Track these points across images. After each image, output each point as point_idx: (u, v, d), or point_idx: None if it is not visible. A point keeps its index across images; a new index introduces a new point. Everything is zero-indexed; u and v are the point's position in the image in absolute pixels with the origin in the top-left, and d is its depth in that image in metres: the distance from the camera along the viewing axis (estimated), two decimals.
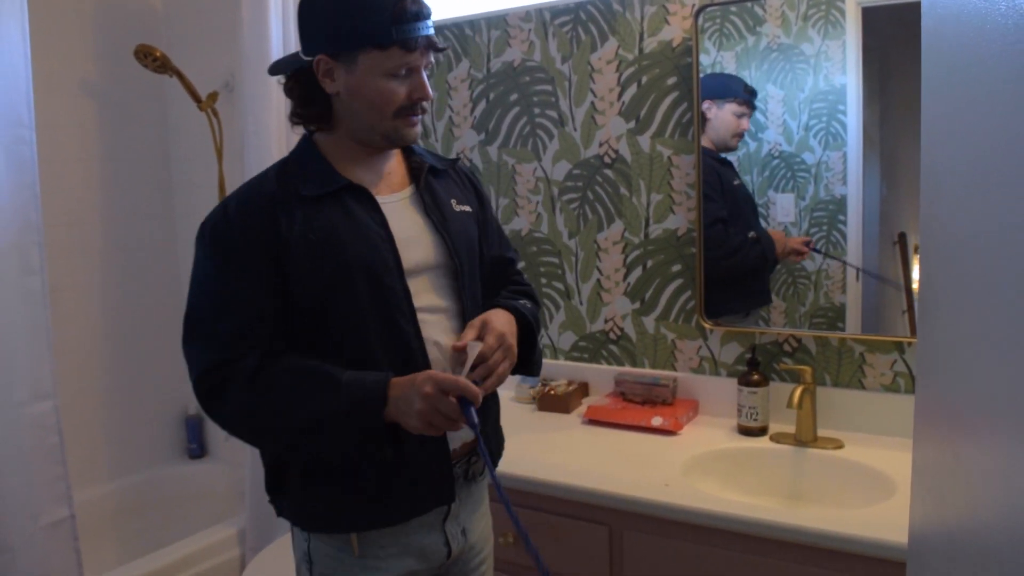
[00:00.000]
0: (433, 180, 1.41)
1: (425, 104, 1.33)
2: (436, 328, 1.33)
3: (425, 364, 1.29)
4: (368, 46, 1.25)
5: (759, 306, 2.05)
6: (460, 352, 1.28)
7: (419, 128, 1.35)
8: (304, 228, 1.26)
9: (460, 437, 1.34)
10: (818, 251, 1.93)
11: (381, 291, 1.27)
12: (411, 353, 1.28)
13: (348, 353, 1.27)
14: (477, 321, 1.32)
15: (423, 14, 1.27)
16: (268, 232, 1.26)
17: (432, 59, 1.33)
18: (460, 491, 1.38)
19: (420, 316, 1.30)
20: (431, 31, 1.29)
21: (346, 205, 1.30)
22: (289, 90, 1.36)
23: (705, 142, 2.03)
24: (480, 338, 1.29)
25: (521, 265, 1.61)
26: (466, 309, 1.37)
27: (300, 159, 1.36)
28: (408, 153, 1.43)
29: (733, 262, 2.07)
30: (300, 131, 1.40)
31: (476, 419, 1.20)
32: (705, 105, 2.02)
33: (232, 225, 1.28)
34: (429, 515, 1.34)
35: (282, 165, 1.36)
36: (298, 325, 1.28)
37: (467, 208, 1.44)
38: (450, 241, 1.36)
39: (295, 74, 1.33)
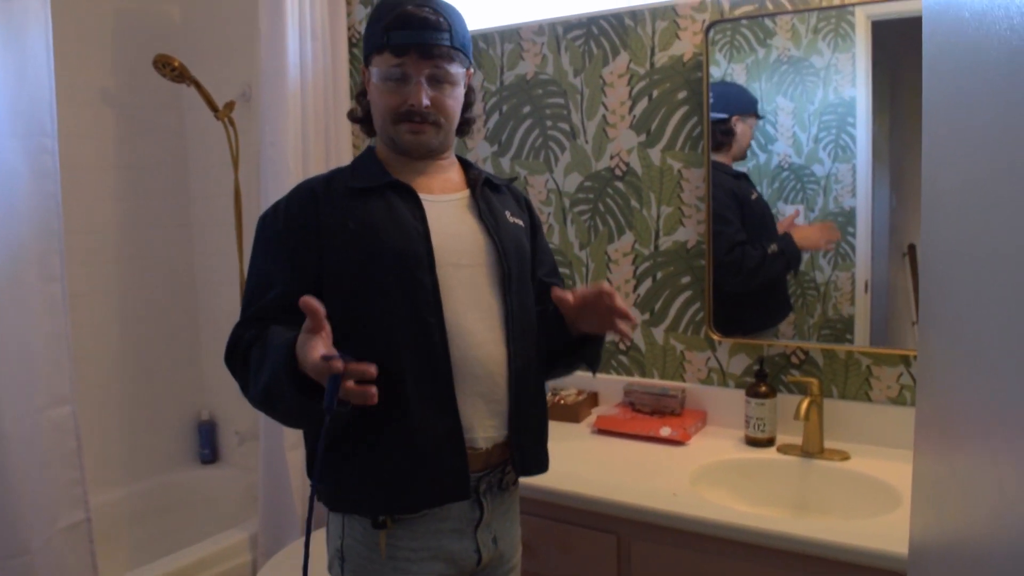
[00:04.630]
0: (489, 191, 1.46)
1: (426, 114, 1.34)
2: (470, 325, 1.33)
3: (446, 360, 1.30)
4: (372, 51, 1.36)
5: (778, 321, 2.04)
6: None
7: (424, 137, 1.37)
8: (344, 217, 1.33)
9: (491, 439, 1.34)
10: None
11: (411, 283, 1.30)
12: (433, 347, 1.29)
13: (377, 343, 1.28)
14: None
15: (427, 23, 1.31)
16: (308, 221, 1.33)
17: (446, 70, 1.34)
18: (493, 500, 1.39)
19: (453, 312, 1.31)
20: (436, 40, 1.31)
21: (389, 200, 1.35)
22: (358, 97, 1.48)
23: (724, 158, 2.04)
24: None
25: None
26: (512, 312, 1.37)
27: (356, 161, 1.45)
28: (467, 167, 1.49)
29: (758, 280, 2.07)
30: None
31: (333, 400, 1.11)
32: (732, 121, 2.03)
33: (278, 216, 1.38)
34: (461, 521, 1.35)
35: (338, 168, 1.46)
36: (332, 314, 1.28)
37: (519, 222, 1.48)
38: (500, 244, 1.38)
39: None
